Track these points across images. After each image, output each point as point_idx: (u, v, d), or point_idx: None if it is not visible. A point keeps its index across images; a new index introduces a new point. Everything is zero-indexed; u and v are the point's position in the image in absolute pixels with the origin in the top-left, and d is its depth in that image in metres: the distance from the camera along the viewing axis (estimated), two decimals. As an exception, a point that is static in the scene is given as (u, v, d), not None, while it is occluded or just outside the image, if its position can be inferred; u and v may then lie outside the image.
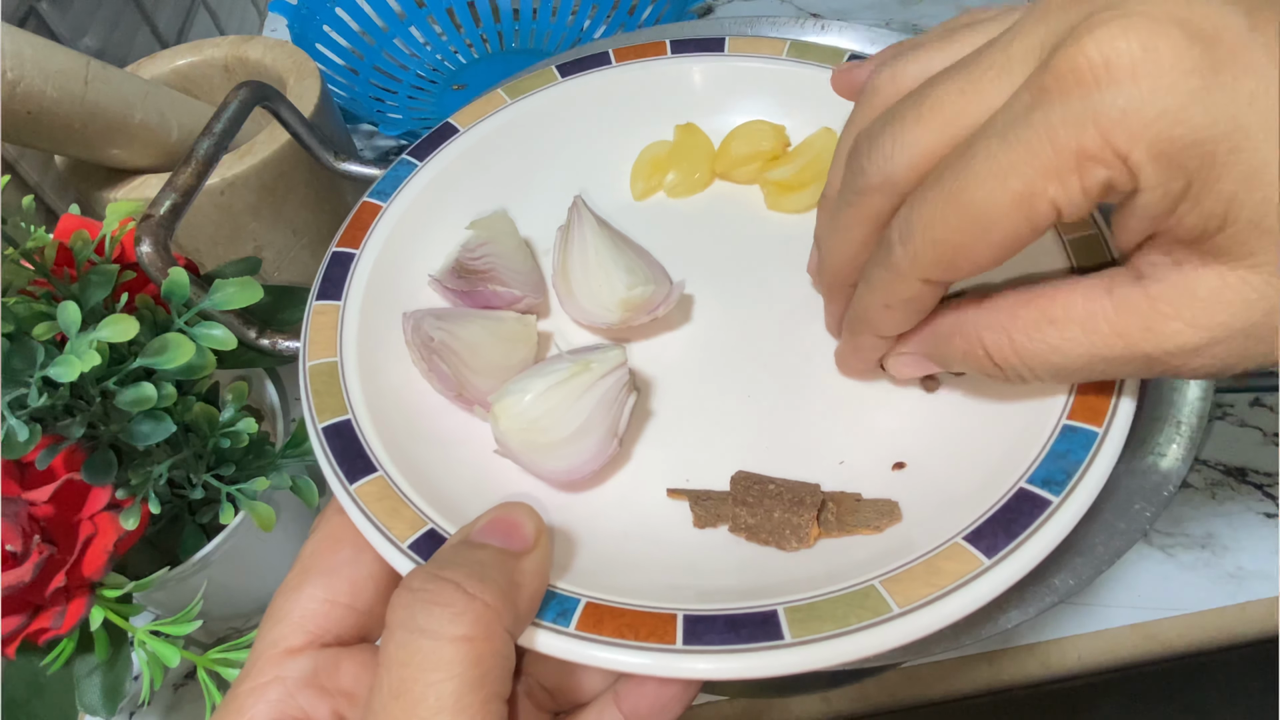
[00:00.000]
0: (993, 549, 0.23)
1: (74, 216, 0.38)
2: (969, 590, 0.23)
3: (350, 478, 0.28)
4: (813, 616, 0.23)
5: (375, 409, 0.30)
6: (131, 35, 0.67)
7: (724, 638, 0.22)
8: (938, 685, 0.44)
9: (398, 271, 0.35)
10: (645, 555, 0.27)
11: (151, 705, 0.46)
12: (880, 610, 0.23)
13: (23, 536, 0.32)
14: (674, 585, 0.25)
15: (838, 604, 0.23)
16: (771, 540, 0.27)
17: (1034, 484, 0.25)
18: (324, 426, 0.29)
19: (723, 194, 0.40)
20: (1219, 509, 0.49)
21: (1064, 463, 0.25)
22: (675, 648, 0.22)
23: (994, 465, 0.26)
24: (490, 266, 0.34)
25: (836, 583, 0.24)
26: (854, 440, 0.30)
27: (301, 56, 0.55)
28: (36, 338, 0.31)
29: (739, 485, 0.28)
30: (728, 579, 0.26)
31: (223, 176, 0.47)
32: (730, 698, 0.44)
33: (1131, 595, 0.46)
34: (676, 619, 0.23)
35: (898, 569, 0.24)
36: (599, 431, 0.28)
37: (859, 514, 0.27)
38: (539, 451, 0.28)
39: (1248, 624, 0.45)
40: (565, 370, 0.29)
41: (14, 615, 0.33)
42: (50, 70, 0.41)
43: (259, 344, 0.38)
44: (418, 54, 0.79)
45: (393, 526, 0.26)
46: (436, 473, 0.29)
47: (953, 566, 0.23)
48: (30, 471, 0.33)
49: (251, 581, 0.46)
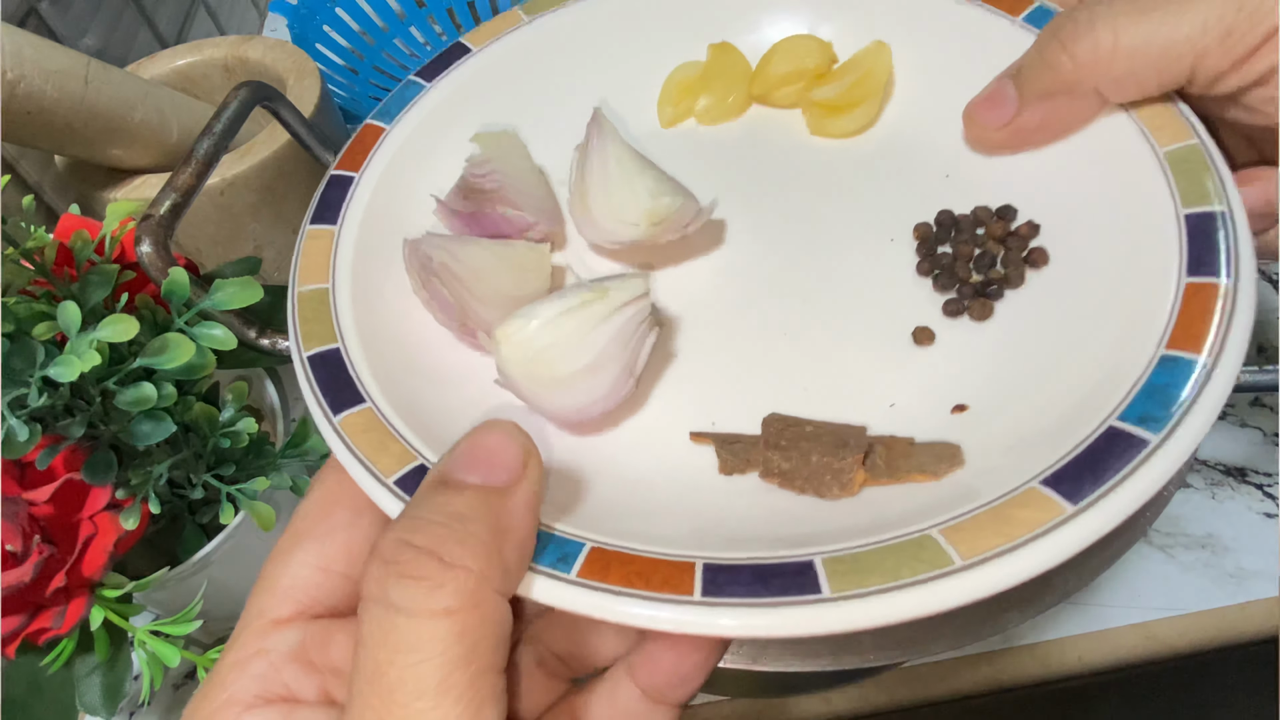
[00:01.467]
0: (1076, 494, 0.20)
1: (74, 216, 0.38)
2: (1049, 541, 0.19)
3: (335, 409, 0.25)
4: (856, 569, 0.20)
5: (367, 339, 0.28)
6: (131, 35, 0.67)
7: (750, 590, 0.20)
8: (938, 685, 0.44)
9: (401, 198, 0.33)
10: (662, 502, 0.24)
11: (151, 705, 0.46)
12: (939, 563, 0.19)
13: (23, 536, 0.32)
14: (694, 532, 0.22)
15: (886, 555, 0.20)
16: (809, 487, 0.24)
17: (1127, 421, 0.22)
18: (309, 355, 0.27)
19: (760, 119, 0.36)
20: (1219, 509, 0.49)
21: (1164, 397, 0.22)
22: (693, 599, 0.19)
23: (1076, 404, 0.23)
24: (499, 185, 0.30)
25: (885, 532, 0.21)
26: (906, 380, 0.27)
27: (301, 56, 0.55)
28: (36, 338, 0.31)
29: (771, 428, 0.25)
30: (756, 528, 0.23)
31: (223, 176, 0.47)
32: (730, 697, 0.44)
33: (1131, 595, 0.46)
34: (695, 568, 0.20)
35: (960, 517, 0.21)
36: (614, 368, 0.25)
37: (913, 458, 0.24)
38: (545, 386, 0.25)
39: (1248, 624, 0.45)
40: (580, 297, 0.25)
41: (14, 615, 0.33)
42: (50, 70, 0.41)
43: (259, 344, 0.38)
44: (418, 54, 0.79)
45: (378, 461, 0.24)
46: (432, 408, 0.26)
47: (1028, 515, 0.20)
48: (30, 471, 0.33)
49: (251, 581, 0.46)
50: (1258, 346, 0.56)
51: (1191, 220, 0.25)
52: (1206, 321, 0.23)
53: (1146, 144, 0.27)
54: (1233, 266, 0.24)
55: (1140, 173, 0.27)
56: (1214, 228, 0.25)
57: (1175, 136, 0.27)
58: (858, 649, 0.29)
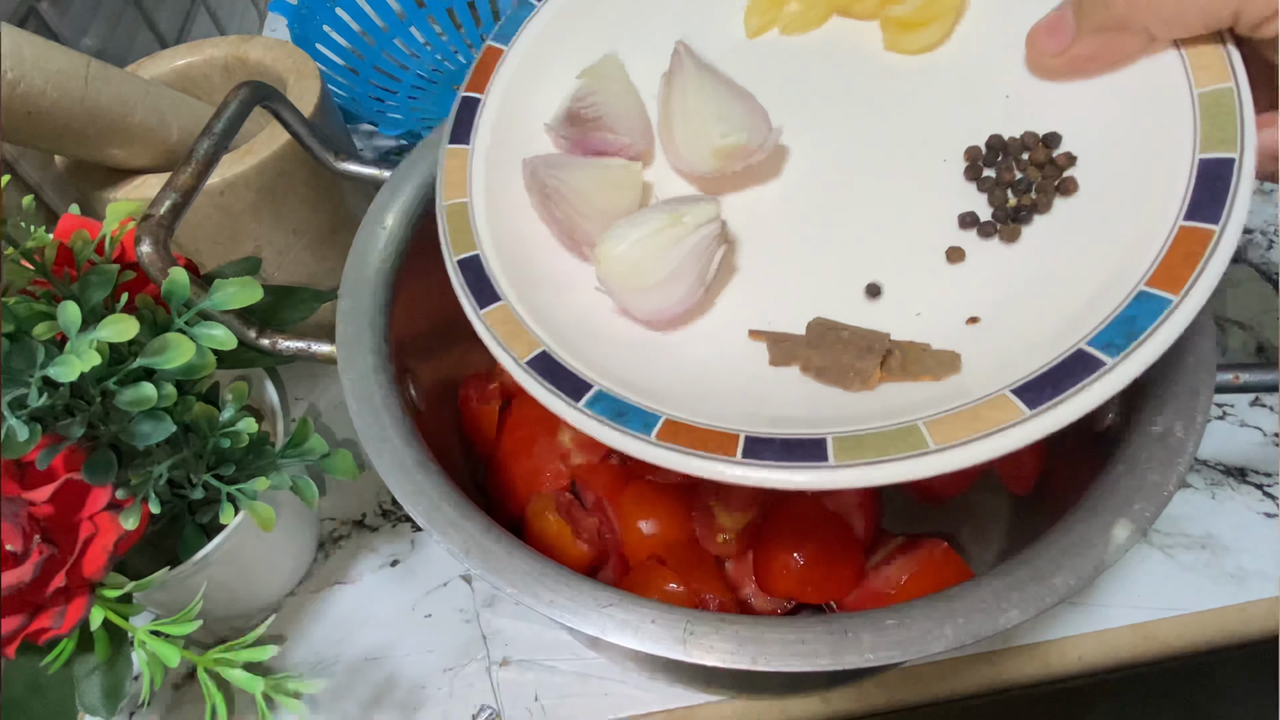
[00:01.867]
0: (1035, 402, 0.25)
1: (74, 216, 0.38)
2: (1001, 437, 0.25)
3: (480, 304, 0.33)
4: (857, 446, 0.26)
5: (499, 246, 0.34)
6: (131, 35, 0.67)
7: (777, 456, 0.26)
8: (938, 685, 0.44)
9: (518, 116, 0.37)
10: (722, 385, 0.30)
11: (151, 705, 0.46)
12: (917, 446, 0.25)
13: (23, 536, 0.32)
14: (744, 412, 0.28)
15: (881, 438, 0.26)
16: (837, 381, 0.29)
17: (1094, 346, 0.26)
18: (458, 260, 0.34)
19: (839, 30, 0.38)
20: (1219, 509, 0.49)
21: (1129, 328, 0.26)
22: (735, 459, 0.26)
23: (1062, 327, 0.27)
24: (599, 114, 0.35)
25: (885, 420, 0.26)
26: (934, 294, 0.31)
27: (301, 56, 0.55)
28: (36, 338, 0.31)
29: (814, 330, 0.31)
30: (792, 410, 0.29)
31: (223, 176, 0.47)
32: (730, 697, 0.44)
33: (1131, 595, 0.46)
34: (739, 439, 0.27)
35: (944, 412, 0.26)
36: (688, 279, 0.31)
37: (922, 362, 0.29)
38: (633, 293, 0.32)
39: (1248, 624, 0.45)
40: (661, 220, 0.31)
41: (14, 615, 0.33)
42: (50, 70, 0.41)
43: (259, 344, 0.38)
44: (418, 54, 0.79)
45: (514, 347, 0.31)
46: (549, 306, 0.33)
47: (994, 415, 0.25)
48: (30, 471, 0.33)
49: (251, 581, 0.46)
50: (1257, 346, 0.56)
51: (1204, 165, 0.28)
52: (1190, 265, 0.26)
53: (1186, 83, 0.29)
54: (1225, 213, 0.27)
55: (1173, 113, 0.29)
56: (1222, 174, 0.27)
57: (1214, 78, 0.29)
58: (858, 649, 0.29)
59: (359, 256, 0.41)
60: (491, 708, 0.44)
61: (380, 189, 0.44)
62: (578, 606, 0.30)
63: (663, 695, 0.44)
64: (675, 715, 0.44)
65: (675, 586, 0.40)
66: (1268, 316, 0.57)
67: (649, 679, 0.44)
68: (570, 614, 0.30)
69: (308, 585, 0.49)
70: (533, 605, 0.31)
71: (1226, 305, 0.58)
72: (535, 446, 0.47)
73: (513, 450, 0.48)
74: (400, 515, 0.52)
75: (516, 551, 0.32)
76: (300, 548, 0.49)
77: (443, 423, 0.47)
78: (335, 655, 0.47)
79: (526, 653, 0.46)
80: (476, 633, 0.47)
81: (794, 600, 0.43)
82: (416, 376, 0.43)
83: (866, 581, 0.43)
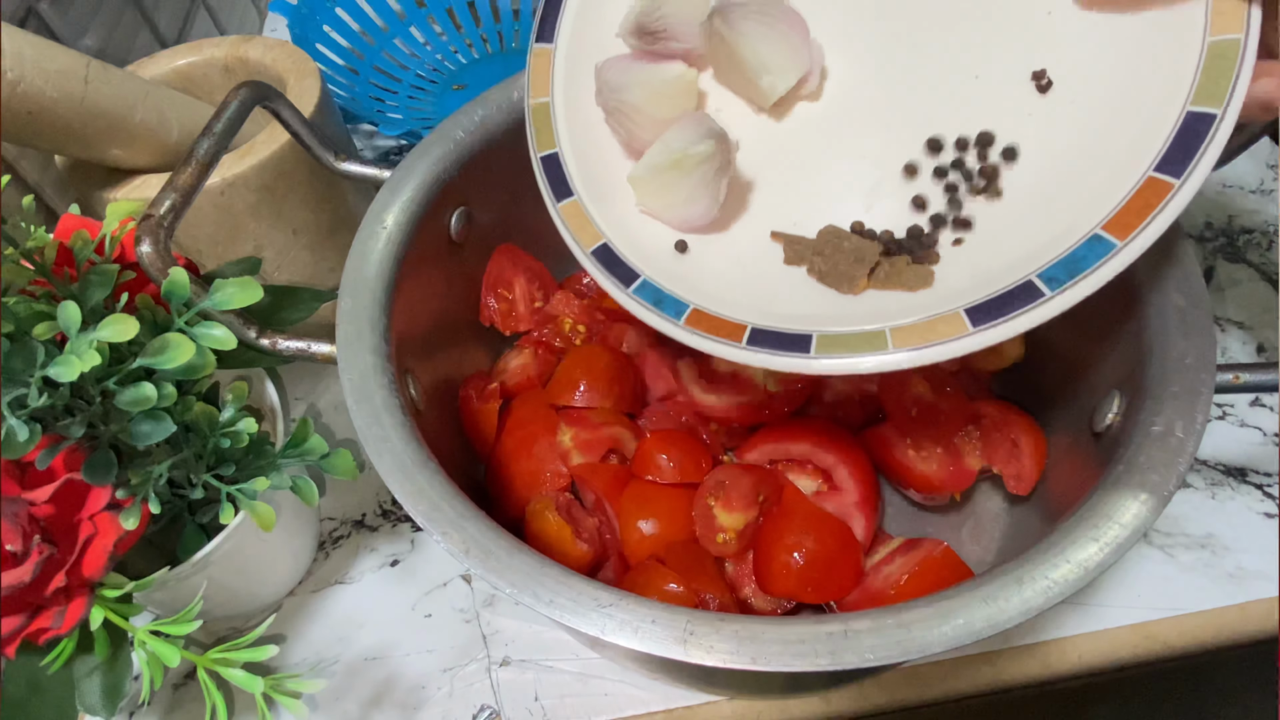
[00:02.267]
0: (979, 321, 0.30)
1: (74, 216, 0.38)
2: (944, 346, 0.30)
3: (557, 198, 0.39)
4: (834, 343, 0.32)
5: (575, 146, 0.39)
6: (131, 35, 0.67)
7: (771, 345, 0.33)
8: (938, 685, 0.44)
9: (595, 18, 0.41)
10: (742, 279, 0.37)
11: (151, 705, 0.46)
12: (880, 347, 0.31)
13: (23, 536, 0.32)
14: (755, 306, 0.35)
15: (854, 338, 0.32)
16: (834, 284, 0.35)
17: (1041, 278, 0.30)
18: (541, 156, 0.40)
19: None
20: (1219, 509, 0.49)
21: (1073, 266, 0.30)
22: (740, 345, 0.33)
23: (1024, 258, 0.31)
24: (664, 28, 0.39)
25: (862, 324, 0.32)
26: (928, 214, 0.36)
27: (301, 56, 0.55)
28: (36, 338, 0.31)
29: (823, 236, 0.37)
30: (794, 307, 0.35)
31: (223, 176, 0.47)
32: (730, 697, 0.44)
33: (1131, 595, 0.46)
34: (746, 329, 0.34)
35: (908, 323, 0.31)
36: (702, 201, 0.37)
37: (902, 276, 0.34)
38: (662, 209, 0.39)
39: (1248, 624, 0.45)
40: (674, 154, 0.37)
41: (14, 615, 0.33)
42: (50, 70, 0.41)
43: (259, 344, 0.38)
44: (418, 54, 0.79)
45: (581, 238, 0.38)
46: (610, 202, 0.39)
47: (944, 329, 0.31)
48: (30, 471, 0.33)
49: (251, 581, 0.46)
50: (1257, 346, 0.56)
51: (1189, 119, 0.29)
52: (1142, 216, 0.29)
53: (1203, 29, 0.30)
54: (1189, 169, 0.29)
55: (1182, 61, 0.30)
56: (1200, 130, 0.29)
57: (1227, 27, 0.30)
58: (857, 649, 0.29)
59: (359, 256, 0.41)
60: (491, 708, 0.44)
61: (380, 189, 0.44)
62: (578, 606, 0.30)
63: (663, 695, 0.44)
64: (675, 715, 0.44)
65: (675, 586, 0.40)
66: (1268, 316, 0.57)
67: (649, 679, 0.44)
68: (570, 614, 0.30)
69: (308, 585, 0.49)
70: (533, 605, 0.31)
71: (1226, 305, 0.58)
72: (535, 446, 0.47)
73: (513, 450, 0.48)
74: (400, 515, 0.52)
75: (516, 551, 0.32)
76: (300, 548, 0.49)
77: (443, 423, 0.47)
78: (335, 655, 0.47)
79: (526, 653, 0.46)
80: (476, 633, 0.47)
81: (794, 600, 0.43)
82: (416, 376, 0.43)
83: (866, 581, 0.43)
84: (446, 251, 0.47)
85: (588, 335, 0.53)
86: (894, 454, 0.46)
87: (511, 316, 0.53)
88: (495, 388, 0.50)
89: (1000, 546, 0.46)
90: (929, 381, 0.46)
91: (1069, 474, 0.41)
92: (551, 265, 0.55)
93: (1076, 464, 0.41)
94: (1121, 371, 0.38)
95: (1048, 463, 0.44)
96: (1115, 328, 0.40)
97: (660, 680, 0.44)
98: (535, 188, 0.40)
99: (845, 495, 0.45)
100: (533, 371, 0.51)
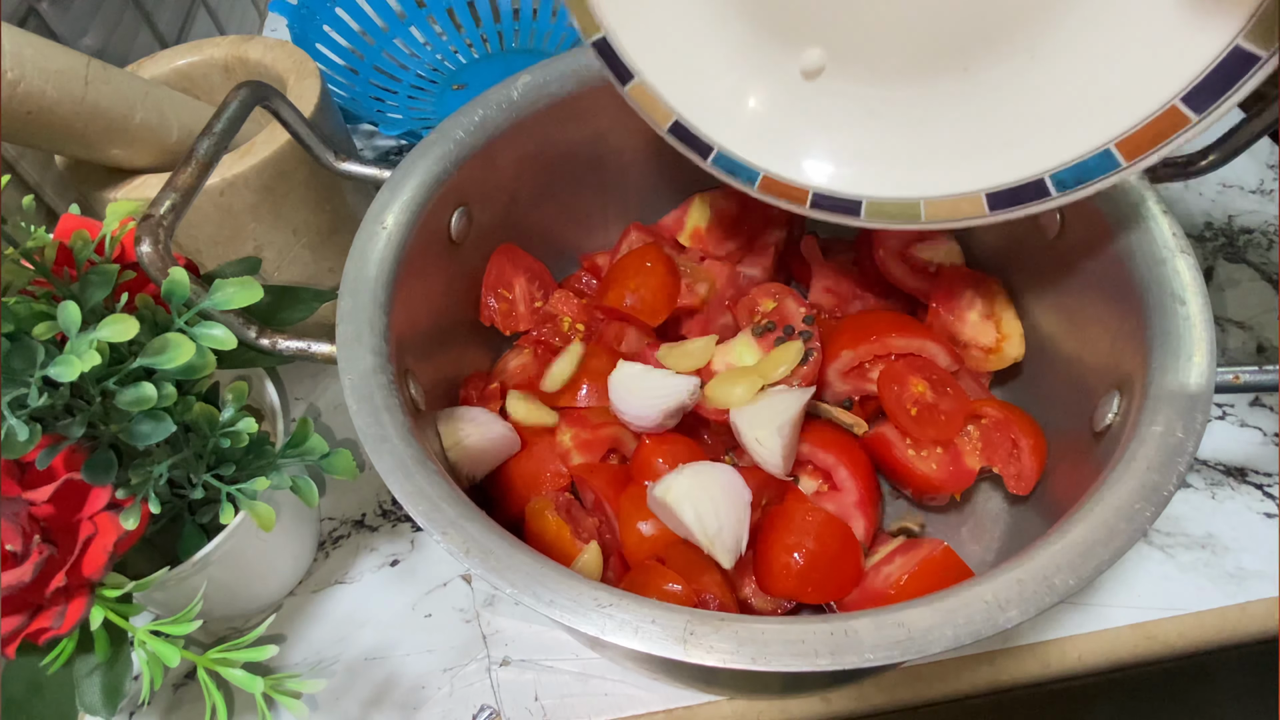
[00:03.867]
0: (993, 207, 0.37)
1: (74, 216, 0.38)
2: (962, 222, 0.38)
3: (621, 82, 0.43)
4: (878, 210, 0.40)
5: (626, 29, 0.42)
6: (131, 35, 0.67)
7: (829, 207, 0.41)
8: (938, 685, 0.44)
9: None
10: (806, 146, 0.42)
11: (151, 705, 0.46)
12: (913, 217, 0.39)
13: (23, 536, 0.32)
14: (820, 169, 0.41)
15: (894, 205, 0.39)
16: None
17: (1051, 180, 0.35)
18: (591, 41, 0.42)
19: None
20: (1219, 509, 0.49)
21: (1081, 174, 0.35)
22: (804, 206, 0.42)
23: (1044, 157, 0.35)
24: None
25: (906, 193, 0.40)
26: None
27: (301, 56, 0.55)
28: (36, 338, 0.31)
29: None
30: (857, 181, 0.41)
31: (223, 176, 0.47)
32: (730, 697, 0.44)
33: (1131, 595, 0.46)
34: (809, 193, 0.42)
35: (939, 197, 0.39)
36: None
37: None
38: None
39: (1248, 624, 0.45)
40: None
41: (14, 615, 0.33)
42: (50, 70, 0.41)
43: (259, 344, 0.38)
44: (418, 54, 0.79)
45: (655, 117, 0.44)
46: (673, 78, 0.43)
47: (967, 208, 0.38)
48: (30, 471, 0.33)
49: (251, 581, 0.46)
50: (1257, 346, 0.56)
51: (1233, 54, 0.29)
52: (1153, 144, 0.32)
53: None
54: (1211, 110, 0.29)
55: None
56: (1237, 71, 0.29)
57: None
58: (858, 649, 0.29)
59: (359, 256, 0.41)
60: (491, 708, 0.44)
61: (380, 189, 0.44)
62: (578, 606, 0.30)
63: (663, 695, 0.44)
64: (675, 715, 0.44)
65: (675, 586, 0.40)
66: (1268, 316, 0.57)
67: (649, 679, 0.44)
68: (570, 614, 0.30)
69: (308, 585, 0.49)
70: (533, 605, 0.30)
71: (1226, 305, 0.58)
72: (535, 446, 0.47)
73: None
74: (400, 515, 0.52)
75: (516, 551, 0.32)
76: (300, 548, 0.49)
77: (443, 423, 0.47)
78: (335, 655, 0.47)
79: (526, 653, 0.46)
80: (476, 633, 0.47)
81: (794, 600, 0.43)
82: (416, 376, 0.43)
83: (866, 581, 0.43)
84: (446, 251, 0.47)
85: (587, 335, 0.53)
86: (894, 454, 0.46)
87: (511, 316, 0.53)
88: (495, 388, 0.50)
89: (1000, 546, 0.46)
90: (929, 381, 0.46)
91: (1069, 474, 0.41)
92: (551, 265, 0.55)
93: (1076, 464, 0.41)
94: (1121, 371, 0.38)
95: (1048, 463, 0.44)
96: (1115, 328, 0.40)
97: (660, 680, 0.44)
98: (535, 188, 0.41)
99: (845, 495, 0.45)
100: (533, 371, 0.51)
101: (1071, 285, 0.44)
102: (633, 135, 0.53)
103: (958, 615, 0.29)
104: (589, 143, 0.52)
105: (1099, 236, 0.41)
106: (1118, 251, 0.39)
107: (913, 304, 0.53)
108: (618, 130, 0.52)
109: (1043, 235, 0.45)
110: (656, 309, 0.50)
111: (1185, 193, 0.64)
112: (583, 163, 0.53)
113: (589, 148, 0.53)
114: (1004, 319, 0.49)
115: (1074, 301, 0.44)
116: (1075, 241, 0.43)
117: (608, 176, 0.55)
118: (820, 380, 0.49)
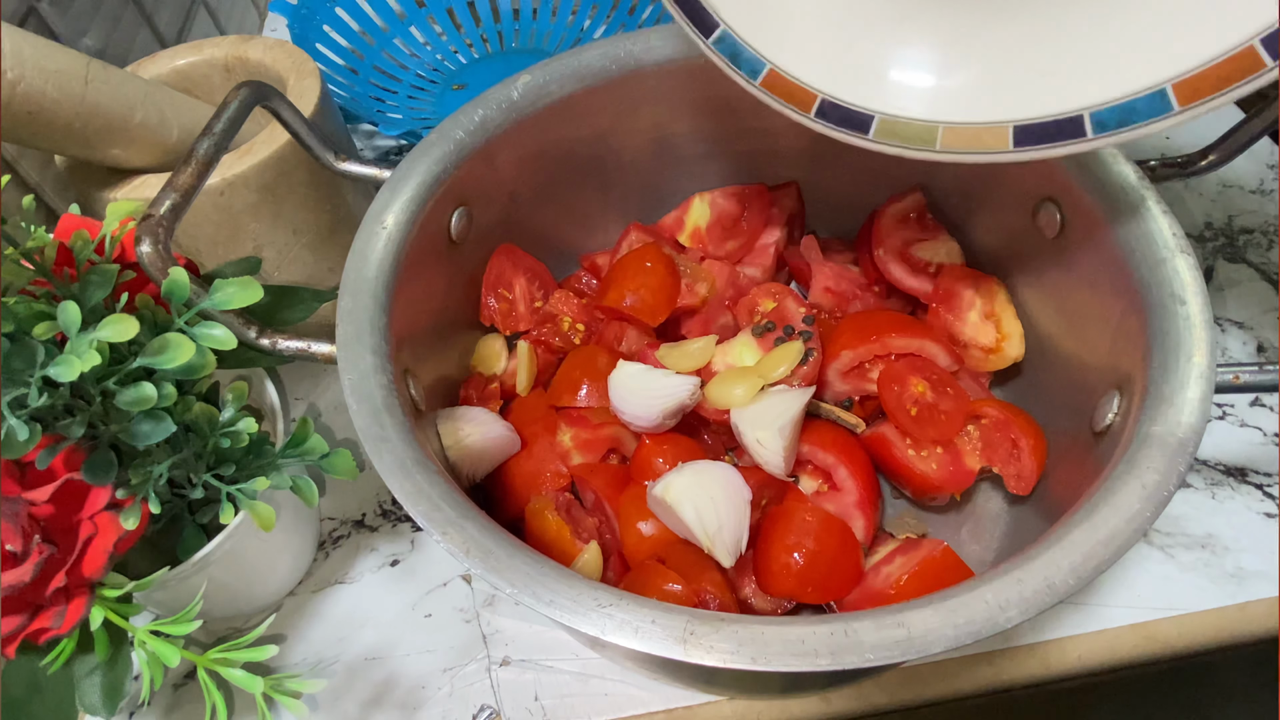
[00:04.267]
0: (1020, 143, 0.33)
1: (74, 216, 0.38)
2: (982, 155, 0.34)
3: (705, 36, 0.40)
4: (890, 129, 0.36)
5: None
6: (131, 35, 0.67)
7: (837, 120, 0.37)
8: (938, 685, 0.44)
9: None
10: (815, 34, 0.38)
11: (151, 705, 0.46)
12: (928, 143, 0.35)
13: (23, 536, 0.32)
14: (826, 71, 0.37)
15: (909, 127, 0.36)
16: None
17: (1091, 118, 0.32)
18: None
19: None
20: (1219, 509, 0.49)
21: (1125, 115, 0.31)
22: (809, 115, 0.37)
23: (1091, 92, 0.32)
24: None
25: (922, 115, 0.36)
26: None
27: (301, 56, 0.55)
28: (36, 338, 0.31)
29: None
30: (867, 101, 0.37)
31: (223, 176, 0.47)
32: (730, 697, 0.44)
33: (1131, 595, 0.46)
34: (817, 99, 0.37)
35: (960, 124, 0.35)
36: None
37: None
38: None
39: (1248, 624, 0.45)
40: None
41: (14, 615, 0.33)
42: (50, 70, 0.41)
43: (259, 344, 0.38)
44: (418, 54, 0.79)
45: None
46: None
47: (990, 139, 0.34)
48: (30, 471, 0.33)
49: (251, 581, 0.46)
50: (1257, 346, 0.56)
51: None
52: (1217, 88, 0.28)
53: None
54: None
55: None
56: None
57: None
58: (858, 649, 0.29)
59: (359, 256, 0.41)
60: (491, 708, 0.44)
61: (380, 189, 0.44)
62: (578, 606, 0.30)
63: (663, 695, 0.44)
64: (675, 715, 0.44)
65: (675, 586, 0.40)
66: (1268, 316, 0.57)
67: (649, 679, 0.44)
68: (570, 614, 0.30)
69: (308, 585, 0.49)
70: (533, 605, 0.30)
71: (1226, 305, 0.58)
72: (535, 446, 0.47)
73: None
74: (400, 515, 0.52)
75: (516, 551, 0.32)
76: (300, 548, 0.49)
77: (443, 423, 0.47)
78: (335, 655, 0.47)
79: (526, 653, 0.46)
80: (476, 633, 0.47)
81: (794, 600, 0.43)
82: (416, 376, 0.43)
83: (866, 581, 0.43)
84: (446, 251, 0.47)
85: (587, 334, 0.53)
86: (894, 454, 0.46)
87: (511, 316, 0.53)
88: (495, 388, 0.50)
89: (1000, 546, 0.46)
90: (929, 381, 0.46)
91: (1069, 474, 0.41)
92: (552, 265, 0.55)
93: (1076, 464, 0.41)
94: (1121, 371, 0.38)
95: (1048, 463, 0.44)
96: (1115, 328, 0.40)
97: (660, 680, 0.44)
98: (535, 187, 0.40)
99: (845, 495, 0.45)
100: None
101: (1071, 285, 0.44)
102: (633, 135, 0.53)
103: (958, 615, 0.29)
104: (589, 143, 0.52)
105: (1099, 236, 0.41)
106: (1118, 251, 0.39)
107: (913, 304, 0.53)
108: (618, 130, 0.52)
109: (1042, 235, 0.45)
110: (656, 309, 0.50)
111: (1185, 193, 0.64)
112: (583, 163, 0.53)
113: (589, 148, 0.53)
114: (1004, 319, 0.49)
115: (1074, 302, 0.44)
116: (1075, 241, 0.43)
117: (608, 176, 0.55)
118: (820, 380, 0.49)
